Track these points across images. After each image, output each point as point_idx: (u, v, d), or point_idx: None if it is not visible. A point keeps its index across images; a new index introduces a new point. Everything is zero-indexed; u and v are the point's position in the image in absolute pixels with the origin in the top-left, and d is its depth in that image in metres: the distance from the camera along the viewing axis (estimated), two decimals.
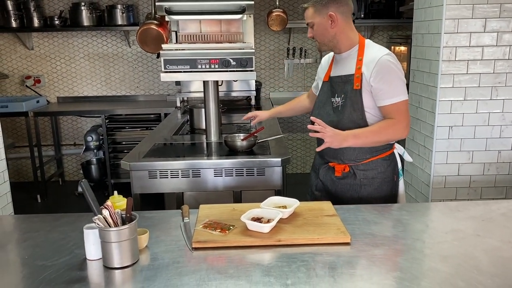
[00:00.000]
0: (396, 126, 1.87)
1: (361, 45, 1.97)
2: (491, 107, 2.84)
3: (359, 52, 1.95)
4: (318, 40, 2.01)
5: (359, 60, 1.93)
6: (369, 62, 1.90)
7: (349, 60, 1.97)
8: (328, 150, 1.94)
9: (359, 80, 1.90)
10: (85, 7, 4.73)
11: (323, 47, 2.04)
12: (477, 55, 2.78)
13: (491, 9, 2.71)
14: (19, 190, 4.74)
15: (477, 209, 1.78)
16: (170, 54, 2.53)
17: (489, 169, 2.94)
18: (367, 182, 1.98)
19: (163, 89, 5.22)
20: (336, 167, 2.01)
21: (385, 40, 5.19)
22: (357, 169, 1.98)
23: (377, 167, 1.98)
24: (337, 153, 1.98)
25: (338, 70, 2.02)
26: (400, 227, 1.60)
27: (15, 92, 5.14)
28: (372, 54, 1.92)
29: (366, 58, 1.92)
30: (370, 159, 1.98)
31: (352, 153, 1.97)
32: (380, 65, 1.87)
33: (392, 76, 1.87)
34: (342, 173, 2.00)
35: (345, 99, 1.93)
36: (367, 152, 1.97)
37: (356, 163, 1.98)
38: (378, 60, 1.87)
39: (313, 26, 1.99)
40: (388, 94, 1.86)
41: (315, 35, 2.00)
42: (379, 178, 1.99)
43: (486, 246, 1.45)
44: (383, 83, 1.86)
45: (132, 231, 1.34)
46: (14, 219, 1.94)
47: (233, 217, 1.61)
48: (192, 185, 2.46)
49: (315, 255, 1.38)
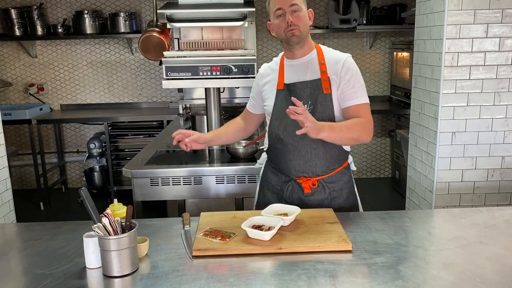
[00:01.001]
0: (367, 125, 1.81)
1: (319, 49, 1.89)
2: (494, 113, 2.83)
3: (319, 56, 1.87)
4: (302, 28, 1.79)
5: (321, 64, 1.85)
6: (333, 64, 1.83)
7: (309, 65, 1.86)
8: (297, 164, 1.85)
9: (327, 83, 1.81)
10: (88, 15, 4.76)
11: (300, 40, 1.81)
12: (479, 61, 2.77)
13: (493, 14, 2.70)
14: (22, 197, 4.75)
15: (480, 216, 1.76)
16: (171, 62, 2.54)
17: (492, 175, 2.92)
18: (337, 194, 1.90)
19: (165, 96, 5.24)
20: (304, 183, 1.87)
21: (387, 46, 5.20)
22: (325, 182, 1.88)
23: (342, 177, 1.92)
24: (308, 165, 1.85)
25: (296, 76, 1.87)
26: (402, 234, 1.59)
27: (18, 100, 5.16)
28: (334, 57, 1.87)
29: (329, 62, 1.85)
30: (337, 170, 1.91)
31: (324, 164, 1.86)
32: (347, 66, 1.83)
33: (358, 77, 1.84)
34: (311, 188, 1.87)
35: (314, 106, 1.82)
36: (335, 162, 1.89)
37: (325, 175, 1.88)
38: (344, 61, 1.83)
39: (301, 11, 1.79)
40: (356, 94, 1.81)
41: (300, 22, 1.78)
42: (346, 188, 1.93)
43: (489, 253, 1.43)
44: (351, 82, 1.81)
45: (132, 239, 1.33)
46: (15, 227, 1.94)
47: (234, 225, 1.60)
48: (194, 192, 2.46)
49: (316, 263, 1.37)
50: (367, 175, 5.51)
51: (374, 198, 4.82)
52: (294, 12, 1.78)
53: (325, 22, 5.08)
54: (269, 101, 1.93)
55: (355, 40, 5.19)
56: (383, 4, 5.08)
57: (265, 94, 1.95)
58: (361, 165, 5.48)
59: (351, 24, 4.82)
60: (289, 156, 1.86)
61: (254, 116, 2.08)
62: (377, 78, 5.28)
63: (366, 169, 5.50)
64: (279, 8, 1.78)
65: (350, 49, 5.19)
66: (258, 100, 2.02)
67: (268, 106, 1.93)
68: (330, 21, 4.88)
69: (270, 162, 2.00)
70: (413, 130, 3.25)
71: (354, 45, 5.20)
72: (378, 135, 5.40)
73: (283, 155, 1.88)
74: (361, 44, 5.21)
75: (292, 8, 1.77)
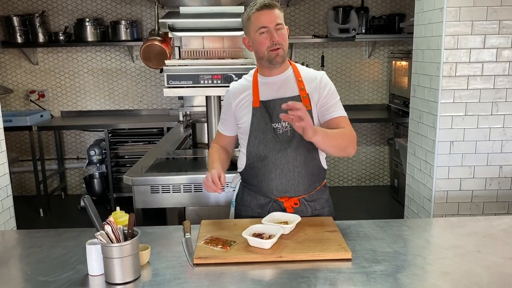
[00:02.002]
0: (354, 136, 1.80)
1: (294, 67, 1.88)
2: (492, 122, 2.85)
3: (295, 73, 1.85)
4: (285, 47, 1.78)
5: (299, 81, 1.83)
6: (310, 81, 1.84)
7: (286, 83, 1.84)
8: (280, 183, 1.81)
9: (307, 100, 1.80)
10: (89, 23, 4.80)
11: (283, 59, 1.81)
12: (477, 71, 2.80)
13: (490, 25, 2.74)
14: (22, 204, 4.74)
15: (478, 224, 1.78)
16: (173, 70, 2.56)
17: (490, 184, 2.94)
18: (318, 213, 1.89)
19: (165, 104, 5.26)
20: (285, 203, 1.83)
21: (386, 55, 5.24)
22: (307, 200, 1.86)
23: (323, 195, 1.93)
24: (290, 184, 1.82)
25: (273, 93, 1.83)
26: (401, 242, 1.60)
27: (19, 106, 5.18)
28: (309, 74, 1.87)
29: (305, 78, 1.84)
30: (317, 188, 1.90)
31: (306, 182, 1.84)
32: (325, 81, 1.84)
33: (335, 93, 1.85)
34: (293, 208, 1.83)
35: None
36: (315, 181, 1.88)
37: (306, 194, 1.86)
38: (321, 77, 1.85)
39: (283, 29, 1.78)
40: (335, 107, 1.82)
41: (283, 41, 1.77)
42: (327, 206, 1.93)
43: (487, 262, 1.45)
44: (330, 96, 1.82)
45: (134, 247, 1.35)
46: (17, 234, 1.95)
47: (235, 233, 1.62)
48: (194, 200, 2.47)
49: (316, 271, 1.38)
50: (366, 183, 5.53)
51: (373, 206, 4.83)
52: (278, 30, 1.75)
53: (324, 31, 5.13)
54: (244, 119, 1.86)
55: (354, 49, 5.23)
56: (382, 14, 5.12)
57: (239, 112, 1.88)
58: (359, 173, 5.50)
59: (350, 34, 4.87)
60: (270, 175, 1.82)
61: (229, 139, 2.00)
62: (375, 86, 5.32)
63: (364, 177, 5.52)
64: (264, 26, 1.73)
65: (349, 58, 5.24)
66: (231, 121, 1.94)
67: (244, 124, 1.86)
68: (329, 30, 4.92)
69: (246, 184, 1.93)
70: (412, 139, 3.28)
71: (353, 54, 5.24)
72: (377, 143, 5.42)
73: (264, 175, 1.83)
74: (360, 53, 5.25)
75: (277, 27, 1.75)
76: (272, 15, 1.74)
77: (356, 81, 5.30)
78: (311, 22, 5.16)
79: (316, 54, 5.22)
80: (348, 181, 5.52)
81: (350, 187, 5.48)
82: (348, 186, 5.50)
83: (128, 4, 5.04)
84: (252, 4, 1.79)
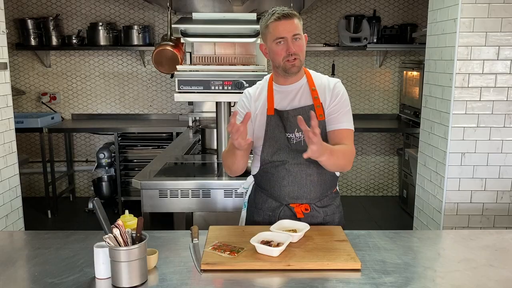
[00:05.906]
0: (353, 153, 1.80)
1: (308, 75, 1.87)
2: (505, 135, 2.82)
3: (309, 82, 1.84)
4: (301, 57, 1.77)
5: (312, 90, 1.82)
6: (323, 89, 1.83)
7: (300, 92, 1.83)
8: (292, 190, 1.81)
9: (321, 110, 1.79)
10: (102, 27, 4.84)
11: (299, 69, 1.80)
12: (490, 83, 2.77)
13: (505, 37, 2.72)
14: (30, 205, 4.78)
15: (490, 238, 1.75)
16: (184, 75, 2.57)
17: (502, 197, 2.90)
18: (330, 219, 1.88)
19: (175, 109, 5.28)
20: (296, 208, 1.83)
21: (397, 65, 5.22)
22: (318, 206, 1.86)
23: (333, 202, 1.91)
24: (303, 191, 1.82)
25: (286, 103, 1.83)
26: (411, 254, 1.58)
27: (31, 108, 5.23)
28: (323, 81, 1.85)
29: (318, 87, 1.83)
30: (329, 194, 1.89)
31: (319, 190, 1.83)
32: (338, 89, 1.83)
33: (346, 103, 1.83)
34: (303, 213, 1.83)
35: None
36: (328, 188, 1.87)
37: (318, 200, 1.85)
38: (334, 85, 1.83)
39: (301, 40, 1.76)
40: (344, 118, 1.80)
41: (300, 51, 1.75)
42: (338, 213, 1.92)
43: (499, 276, 1.42)
44: (341, 105, 1.80)
45: (142, 251, 1.34)
46: (25, 235, 1.95)
47: (243, 239, 1.60)
48: (202, 205, 2.46)
49: (325, 281, 1.37)
50: (375, 193, 5.48)
51: (381, 217, 4.79)
52: (295, 40, 1.73)
53: (335, 40, 5.12)
54: (259, 124, 1.85)
55: (365, 58, 5.22)
56: (394, 24, 5.11)
57: (255, 118, 1.86)
58: (368, 183, 5.46)
59: (362, 43, 4.86)
60: (283, 182, 1.82)
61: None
62: (386, 96, 5.30)
63: (373, 187, 5.48)
64: (281, 37, 1.72)
65: (360, 67, 5.22)
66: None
67: (259, 132, 1.85)
68: (341, 39, 4.92)
69: (259, 188, 1.93)
70: (422, 150, 3.25)
71: (364, 63, 5.23)
72: (386, 153, 5.39)
73: (276, 181, 1.83)
74: (371, 63, 5.23)
75: (295, 37, 1.73)
76: (290, 25, 1.72)
77: (366, 90, 5.28)
78: (323, 30, 5.16)
79: (327, 62, 5.21)
80: (356, 190, 5.48)
81: (359, 196, 5.44)
82: (357, 195, 5.46)
83: (141, 9, 5.08)
84: (271, 11, 1.77)
